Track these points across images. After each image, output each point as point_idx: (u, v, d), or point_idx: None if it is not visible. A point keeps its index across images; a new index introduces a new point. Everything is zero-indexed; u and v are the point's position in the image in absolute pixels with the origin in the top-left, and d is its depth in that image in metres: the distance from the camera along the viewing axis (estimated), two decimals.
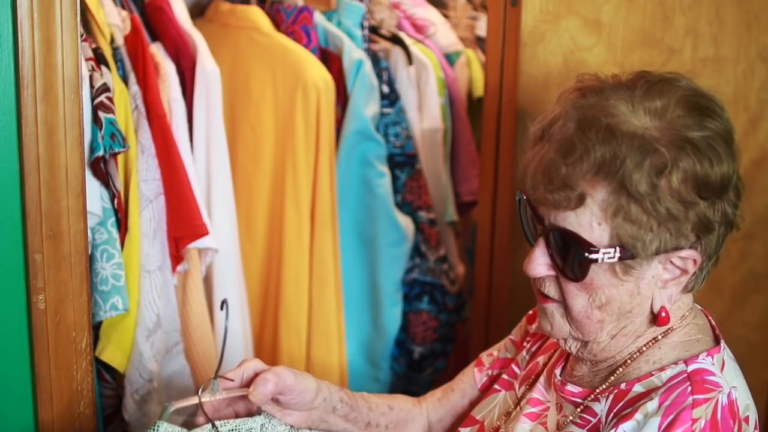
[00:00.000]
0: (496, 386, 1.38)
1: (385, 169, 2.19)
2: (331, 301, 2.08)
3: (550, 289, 1.17)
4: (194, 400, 1.21)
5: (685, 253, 1.11)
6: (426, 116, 2.43)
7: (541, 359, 1.34)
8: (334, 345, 2.11)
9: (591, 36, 1.94)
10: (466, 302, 2.40)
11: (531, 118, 2.00)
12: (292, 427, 1.28)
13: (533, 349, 1.38)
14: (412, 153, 2.29)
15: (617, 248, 1.09)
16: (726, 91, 1.90)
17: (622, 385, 1.16)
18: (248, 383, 1.24)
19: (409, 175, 2.28)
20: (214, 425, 1.19)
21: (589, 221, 1.10)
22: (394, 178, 2.25)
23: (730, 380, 1.13)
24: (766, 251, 1.98)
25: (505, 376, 1.38)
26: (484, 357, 1.48)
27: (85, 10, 1.61)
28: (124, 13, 1.78)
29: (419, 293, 2.32)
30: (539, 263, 1.16)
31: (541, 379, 1.30)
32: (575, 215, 1.10)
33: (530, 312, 1.44)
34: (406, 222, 2.24)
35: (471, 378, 1.47)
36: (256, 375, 1.25)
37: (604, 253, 1.09)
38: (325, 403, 1.31)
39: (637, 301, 1.14)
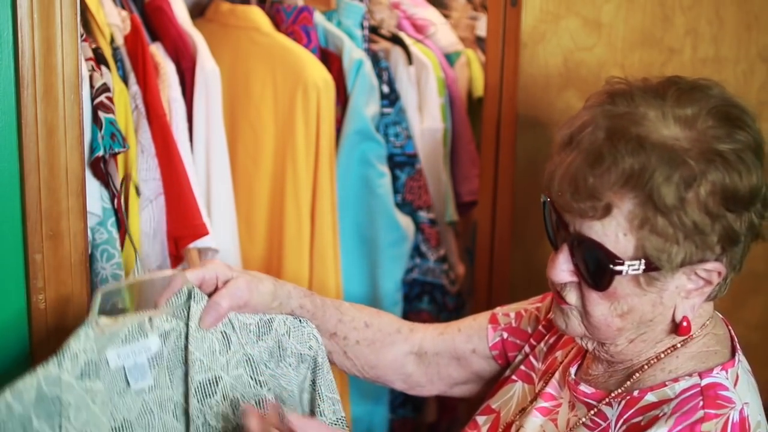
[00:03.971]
0: (514, 377, 1.37)
1: (385, 169, 2.19)
2: None
3: (571, 295, 1.16)
4: (122, 284, 1.21)
5: (710, 265, 1.10)
6: (426, 116, 2.43)
7: (559, 354, 1.33)
8: None
9: (591, 36, 1.94)
10: (466, 302, 2.40)
11: (531, 118, 2.01)
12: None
13: (551, 341, 1.37)
14: (412, 153, 2.29)
15: (642, 260, 1.08)
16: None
17: (635, 392, 1.15)
18: (210, 285, 1.24)
19: (409, 175, 2.28)
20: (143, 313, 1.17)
21: (614, 232, 1.08)
22: (395, 178, 2.25)
23: (743, 396, 1.12)
24: (766, 251, 1.98)
25: (522, 368, 1.37)
26: (500, 315, 1.45)
27: (85, 10, 1.61)
28: (124, 13, 1.78)
29: (419, 293, 2.32)
30: (562, 269, 1.15)
31: (557, 375, 1.29)
32: (601, 225, 1.09)
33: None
34: (406, 222, 2.24)
35: (483, 331, 1.44)
36: (219, 279, 1.24)
37: (629, 265, 1.08)
38: (280, 307, 1.30)
39: (659, 311, 1.13)
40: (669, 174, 1.05)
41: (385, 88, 2.24)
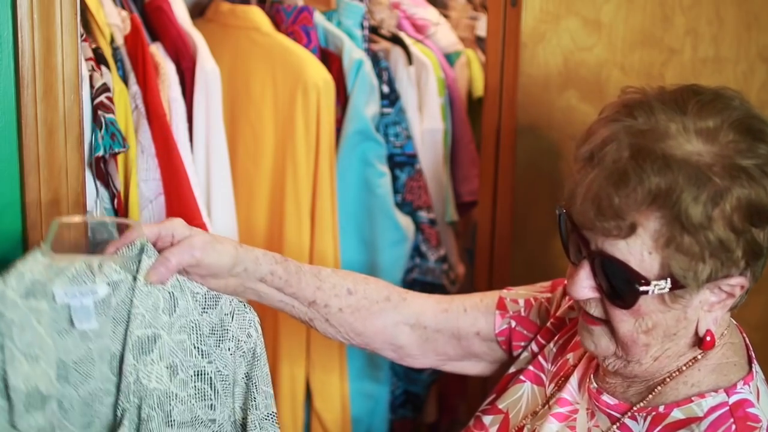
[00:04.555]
0: (522, 377, 1.35)
1: (385, 169, 2.19)
2: None
3: (596, 310, 1.15)
4: (86, 218, 1.21)
5: (734, 280, 1.09)
6: (426, 116, 2.43)
7: (571, 357, 1.32)
8: (334, 345, 2.11)
9: (591, 36, 1.94)
10: None
11: (531, 118, 2.01)
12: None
13: (561, 342, 1.35)
14: (412, 153, 2.29)
15: (668, 279, 1.07)
16: None
17: (661, 408, 1.15)
18: (165, 242, 1.21)
19: (409, 175, 2.28)
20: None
21: (639, 250, 1.07)
22: (394, 178, 2.25)
23: (765, 410, 1.13)
24: None
25: (531, 368, 1.35)
26: (508, 301, 1.42)
27: (85, 10, 1.61)
28: (124, 13, 1.78)
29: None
30: (584, 286, 1.13)
31: (573, 380, 1.27)
32: (626, 244, 1.07)
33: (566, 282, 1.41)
34: (406, 222, 2.24)
35: (490, 316, 1.42)
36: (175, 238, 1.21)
37: (655, 285, 1.07)
38: (246, 273, 1.26)
39: (683, 325, 1.13)
40: (697, 194, 1.03)
41: (385, 88, 2.24)
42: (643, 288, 1.07)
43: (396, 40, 2.42)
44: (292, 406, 2.09)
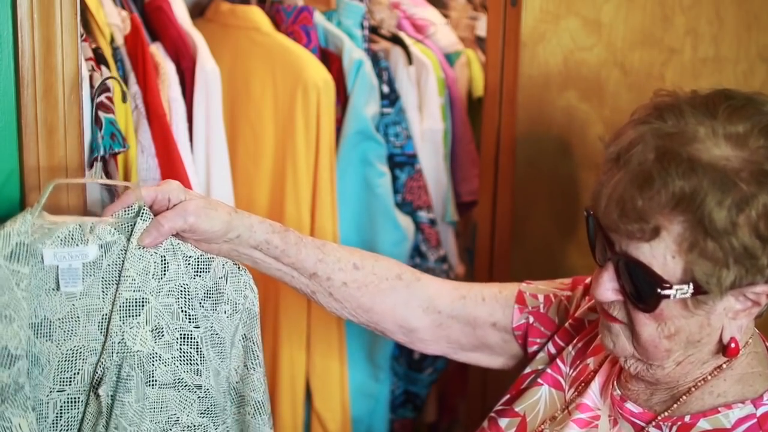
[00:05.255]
0: (539, 380, 1.33)
1: (385, 169, 2.19)
2: None
3: (618, 312, 1.14)
4: (82, 180, 1.22)
5: (759, 288, 1.08)
6: (426, 116, 2.43)
7: (591, 361, 1.30)
8: (334, 345, 2.11)
9: (591, 36, 1.94)
10: None
11: (531, 118, 2.01)
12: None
13: (580, 345, 1.33)
14: (412, 153, 2.29)
15: (691, 284, 1.06)
16: None
17: (687, 418, 1.14)
18: (161, 206, 1.22)
19: (409, 175, 2.28)
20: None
21: (663, 254, 1.06)
22: (394, 178, 2.25)
23: None
24: None
25: (549, 371, 1.33)
26: (527, 296, 1.40)
27: (85, 10, 1.61)
28: (124, 13, 1.78)
29: None
30: (607, 288, 1.12)
31: (594, 386, 1.26)
32: (649, 247, 1.06)
33: (587, 281, 1.37)
34: (406, 222, 2.24)
35: (509, 309, 1.40)
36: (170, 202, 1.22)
37: (677, 289, 1.06)
38: (239, 240, 1.25)
39: (707, 332, 1.11)
40: (721, 198, 1.02)
41: (385, 88, 2.24)
42: (665, 292, 1.06)
43: (396, 40, 2.42)
44: (293, 406, 2.09)
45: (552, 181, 2.02)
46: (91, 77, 1.51)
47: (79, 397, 1.21)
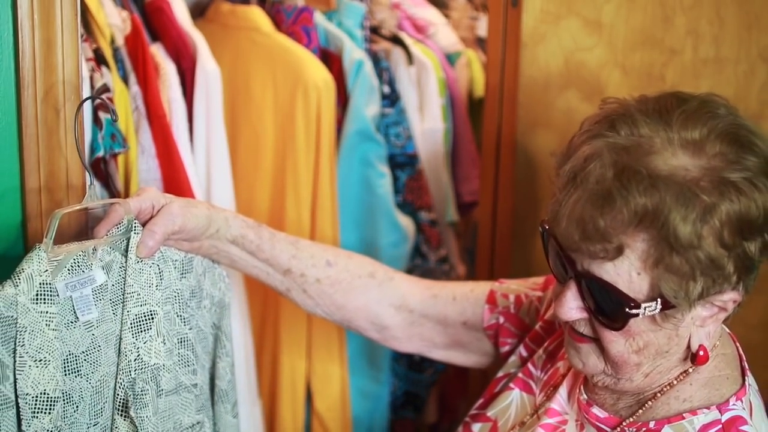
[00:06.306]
0: (511, 384, 1.33)
1: (385, 170, 2.19)
2: None
3: (585, 328, 1.12)
4: (81, 206, 1.21)
5: (727, 296, 1.07)
6: (427, 116, 2.43)
7: (561, 365, 1.30)
8: (335, 346, 2.10)
9: (591, 36, 1.94)
10: None
11: (532, 118, 2.01)
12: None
13: (551, 348, 1.33)
14: (412, 153, 2.29)
15: (658, 300, 1.04)
16: (726, 92, 1.88)
17: (651, 424, 1.13)
18: (146, 214, 1.23)
19: (409, 175, 2.27)
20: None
21: (627, 271, 1.04)
22: (395, 179, 2.25)
23: (758, 426, 1.11)
24: None
25: (521, 375, 1.33)
26: (499, 296, 1.40)
27: (85, 11, 1.61)
28: (125, 13, 1.77)
29: None
30: (571, 307, 1.10)
31: (562, 390, 1.25)
32: (613, 265, 1.04)
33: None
34: (406, 222, 2.24)
35: (479, 308, 1.40)
36: (154, 208, 1.23)
37: (645, 307, 1.04)
38: (218, 234, 1.27)
39: (675, 342, 1.10)
40: (685, 214, 1.00)
41: (386, 89, 2.24)
42: (633, 311, 1.04)
43: (396, 40, 2.42)
44: (293, 407, 2.09)
45: (552, 182, 2.02)
46: (91, 78, 1.51)
47: (107, 425, 1.20)
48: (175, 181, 1.73)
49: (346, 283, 1.38)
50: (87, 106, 1.47)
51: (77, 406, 1.16)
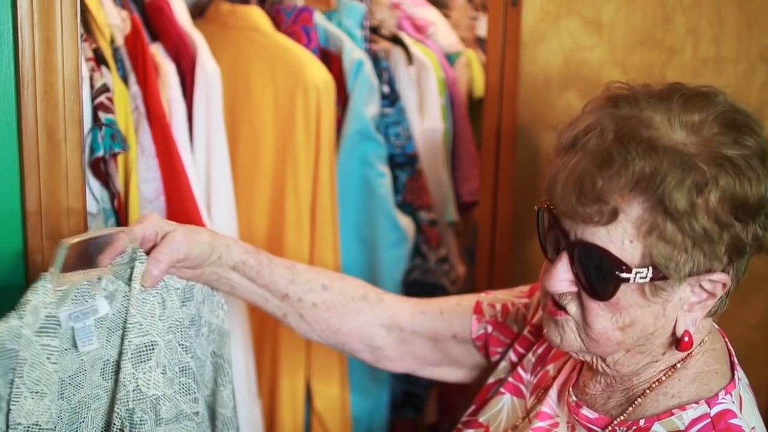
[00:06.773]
0: (502, 389, 1.34)
1: (385, 170, 2.19)
2: None
3: (570, 305, 1.12)
4: (88, 235, 1.19)
5: (716, 276, 1.07)
6: (426, 116, 2.43)
7: (551, 368, 1.30)
8: None
9: (591, 36, 1.94)
10: None
11: (532, 118, 2.01)
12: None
13: (540, 351, 1.33)
14: (412, 153, 2.29)
15: (650, 268, 1.04)
16: (726, 92, 1.89)
17: (641, 422, 1.12)
18: (150, 241, 1.21)
19: (409, 175, 2.28)
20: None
21: (620, 238, 1.04)
22: (395, 179, 2.25)
23: (749, 420, 1.11)
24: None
25: (511, 380, 1.33)
26: (485, 305, 1.41)
27: (85, 11, 1.61)
28: (124, 13, 1.77)
29: (420, 294, 2.32)
30: (561, 279, 1.10)
31: (552, 392, 1.25)
32: (606, 231, 1.05)
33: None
34: (406, 222, 2.24)
35: (466, 320, 1.41)
36: (158, 235, 1.22)
37: (636, 273, 1.05)
38: (220, 261, 1.27)
39: (661, 323, 1.10)
40: (681, 178, 1.01)
41: (386, 89, 2.24)
42: (624, 275, 1.05)
43: (396, 40, 2.42)
44: (293, 407, 2.09)
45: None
46: (91, 77, 1.51)
47: None
48: (174, 181, 1.73)
49: (341, 306, 1.40)
50: (87, 107, 1.47)
51: (55, 427, 1.15)
